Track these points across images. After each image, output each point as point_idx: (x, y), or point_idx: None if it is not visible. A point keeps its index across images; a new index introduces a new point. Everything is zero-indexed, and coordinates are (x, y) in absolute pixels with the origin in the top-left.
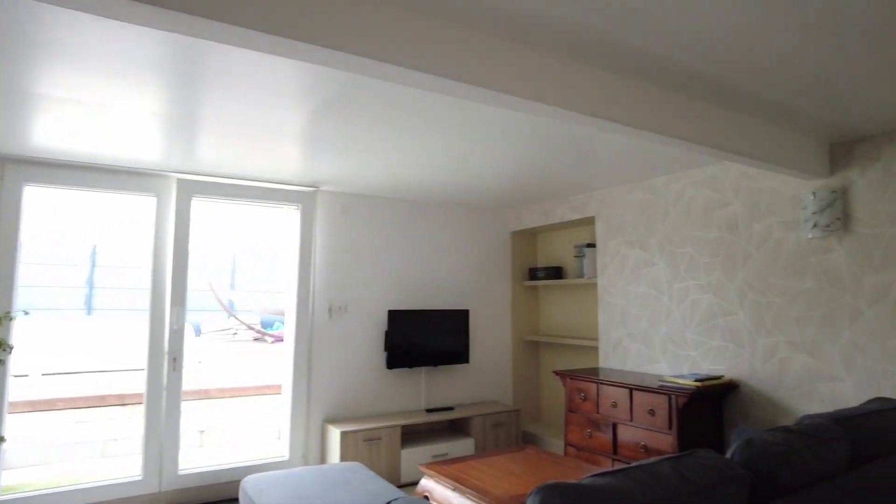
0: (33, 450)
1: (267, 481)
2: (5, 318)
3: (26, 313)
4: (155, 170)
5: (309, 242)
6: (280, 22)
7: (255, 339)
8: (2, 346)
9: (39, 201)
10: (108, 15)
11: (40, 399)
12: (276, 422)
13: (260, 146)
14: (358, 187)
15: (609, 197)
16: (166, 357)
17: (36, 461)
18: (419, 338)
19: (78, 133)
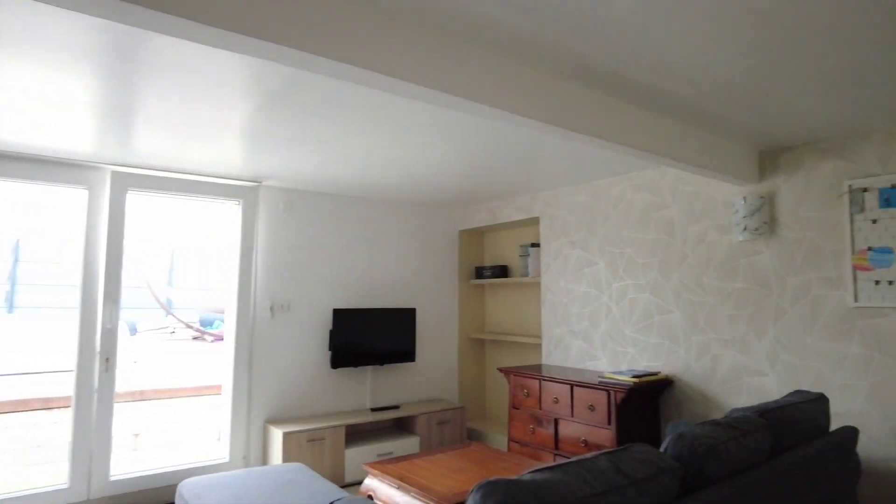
0: None
1: (205, 485)
2: None
3: None
4: (87, 161)
5: (250, 239)
6: (224, 14)
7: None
8: None
9: None
10: None
11: None
12: (215, 423)
13: (200, 139)
14: (302, 183)
15: (553, 198)
16: (98, 357)
17: None
18: (365, 337)
19: (1, 120)
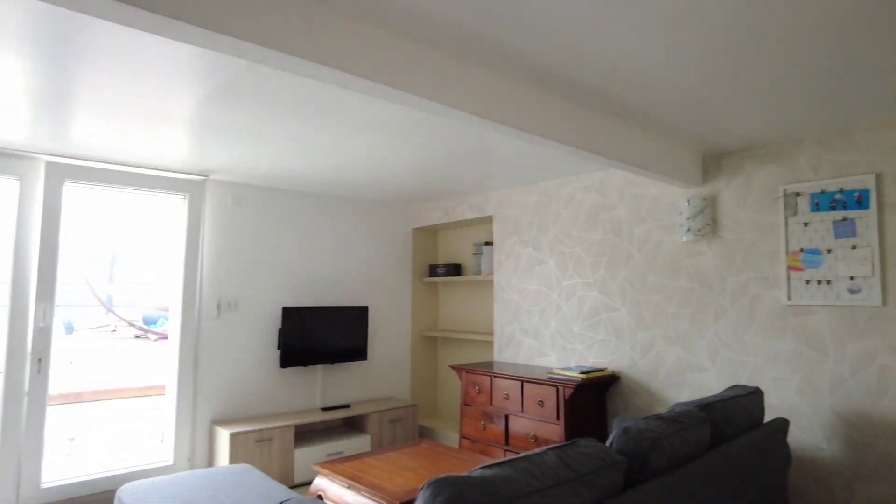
0: None
1: (146, 489)
2: None
3: None
4: (19, 150)
5: (196, 234)
6: (169, 3)
7: (137, 337)
8: None
9: None
10: None
11: None
12: (159, 425)
13: (144, 131)
14: (252, 178)
15: (506, 198)
16: (29, 358)
17: None
18: (315, 335)
19: None
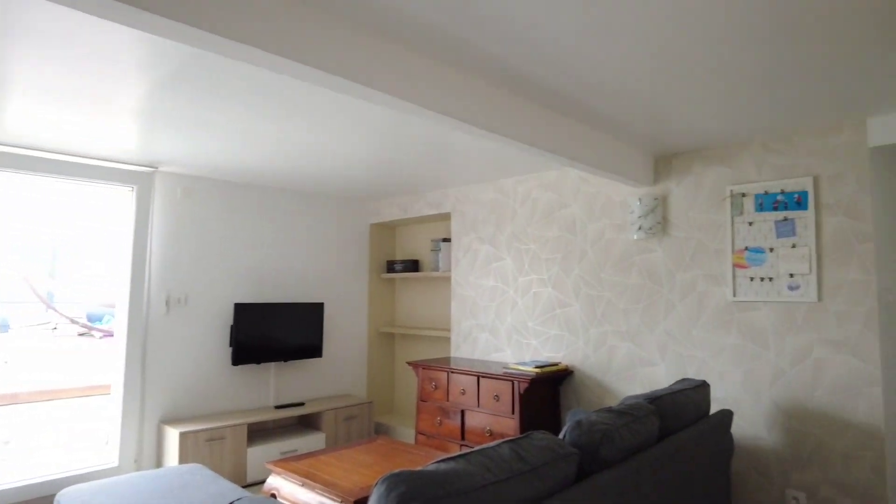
0: None
1: (89, 492)
2: None
3: None
4: None
5: (144, 228)
6: None
7: (80, 335)
8: None
9: None
10: None
11: None
12: (103, 425)
13: (87, 118)
14: (203, 169)
15: (464, 195)
16: None
17: None
18: (269, 332)
19: None
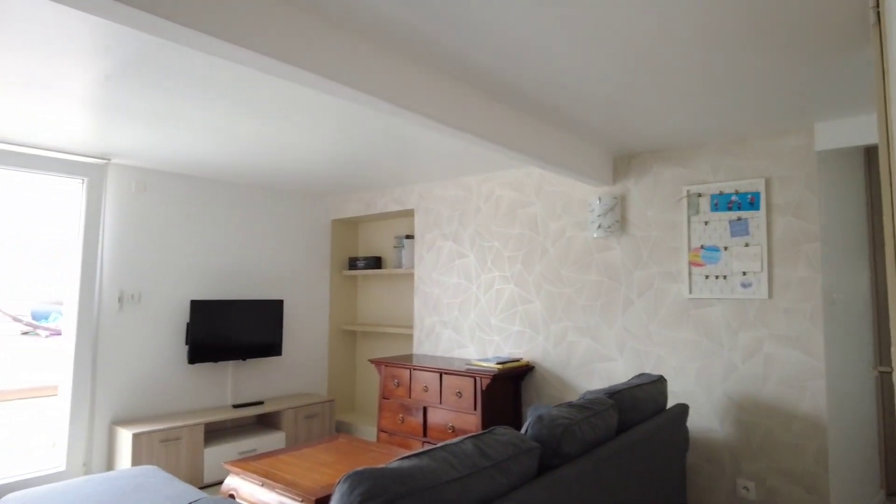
0: None
1: (34, 498)
2: None
3: None
4: None
5: (96, 222)
6: None
7: (25, 334)
8: None
9: None
10: None
11: None
12: (50, 428)
13: (34, 106)
14: (158, 163)
15: (428, 191)
16: None
17: None
18: (226, 330)
19: None
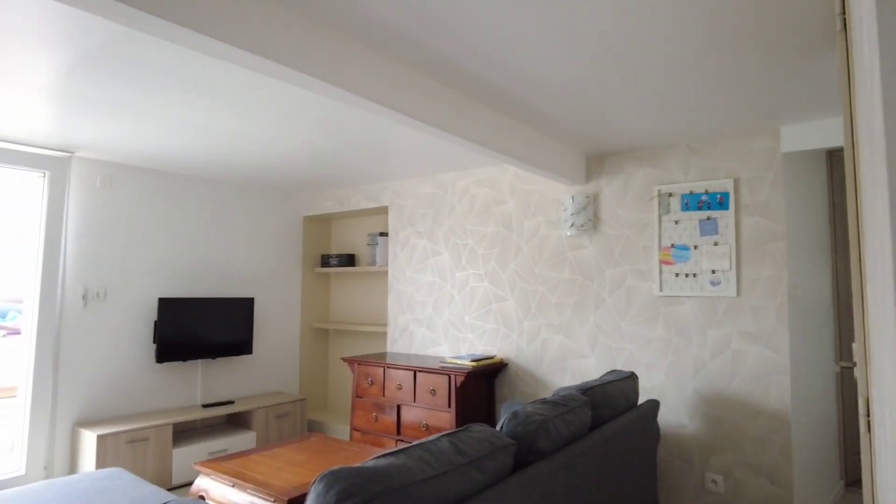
0: None
1: None
2: None
3: None
4: None
5: (59, 217)
6: None
7: None
8: None
9: None
10: None
11: None
12: (8, 431)
13: None
14: (125, 156)
15: (402, 188)
16: None
17: None
18: (196, 328)
19: None
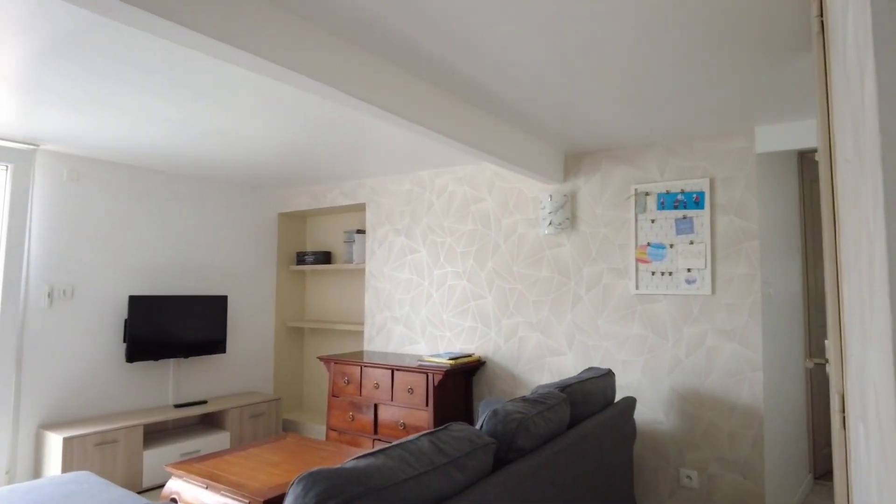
0: None
1: None
2: None
3: None
4: None
5: (23, 212)
6: None
7: None
8: None
9: None
10: None
11: None
12: None
13: None
14: (93, 150)
15: (379, 185)
16: None
17: None
18: (168, 327)
19: None
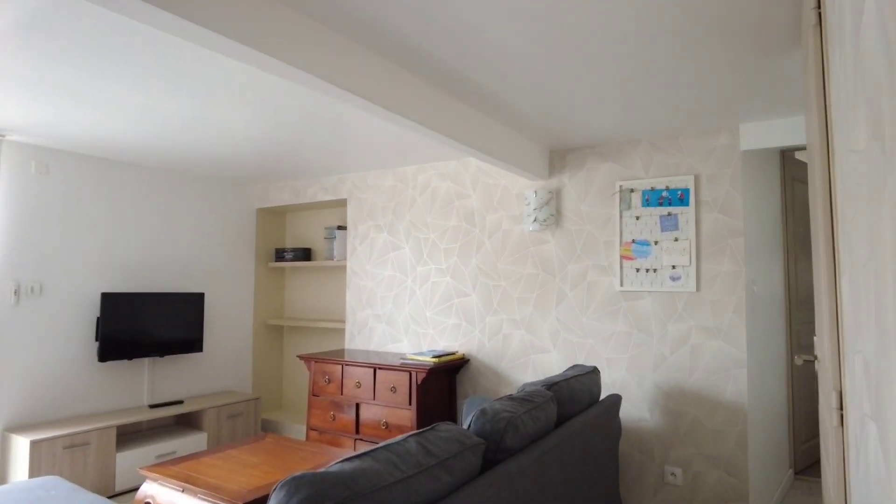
0: None
1: None
2: None
3: None
4: None
5: None
6: None
7: None
8: None
9: None
10: None
11: None
12: None
13: None
14: (62, 141)
15: (362, 180)
16: None
17: None
18: (142, 325)
19: None
